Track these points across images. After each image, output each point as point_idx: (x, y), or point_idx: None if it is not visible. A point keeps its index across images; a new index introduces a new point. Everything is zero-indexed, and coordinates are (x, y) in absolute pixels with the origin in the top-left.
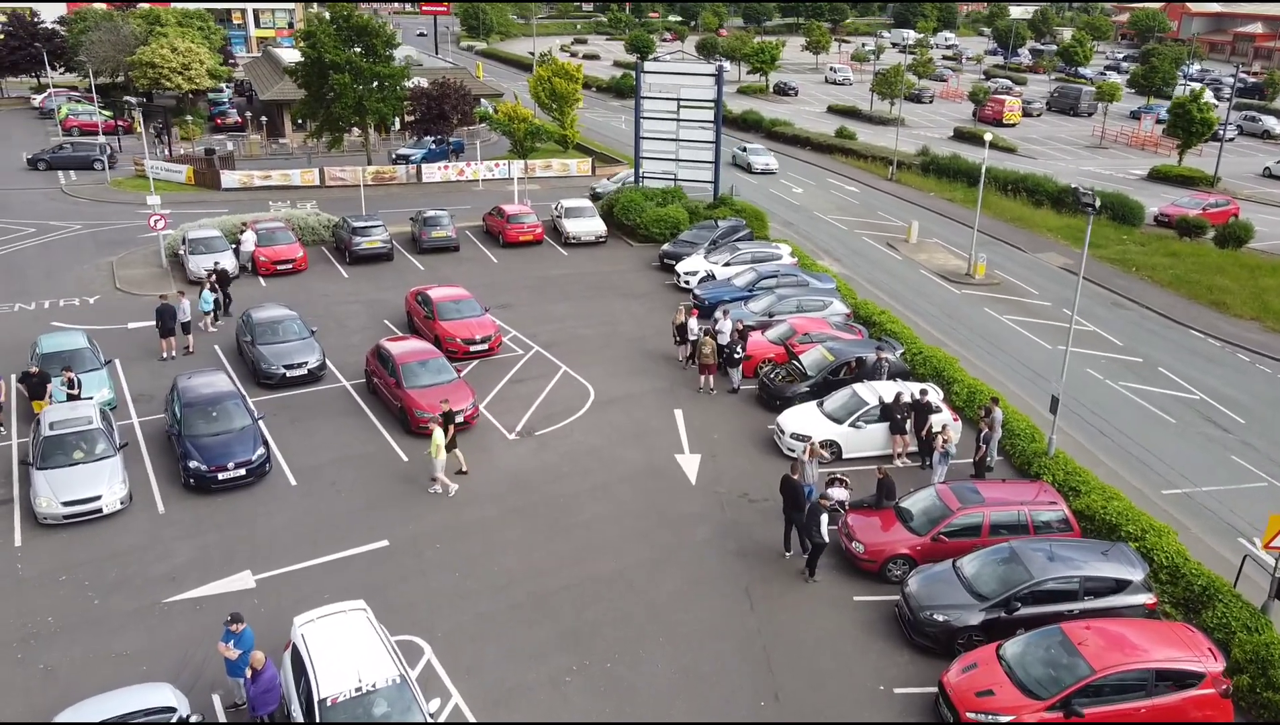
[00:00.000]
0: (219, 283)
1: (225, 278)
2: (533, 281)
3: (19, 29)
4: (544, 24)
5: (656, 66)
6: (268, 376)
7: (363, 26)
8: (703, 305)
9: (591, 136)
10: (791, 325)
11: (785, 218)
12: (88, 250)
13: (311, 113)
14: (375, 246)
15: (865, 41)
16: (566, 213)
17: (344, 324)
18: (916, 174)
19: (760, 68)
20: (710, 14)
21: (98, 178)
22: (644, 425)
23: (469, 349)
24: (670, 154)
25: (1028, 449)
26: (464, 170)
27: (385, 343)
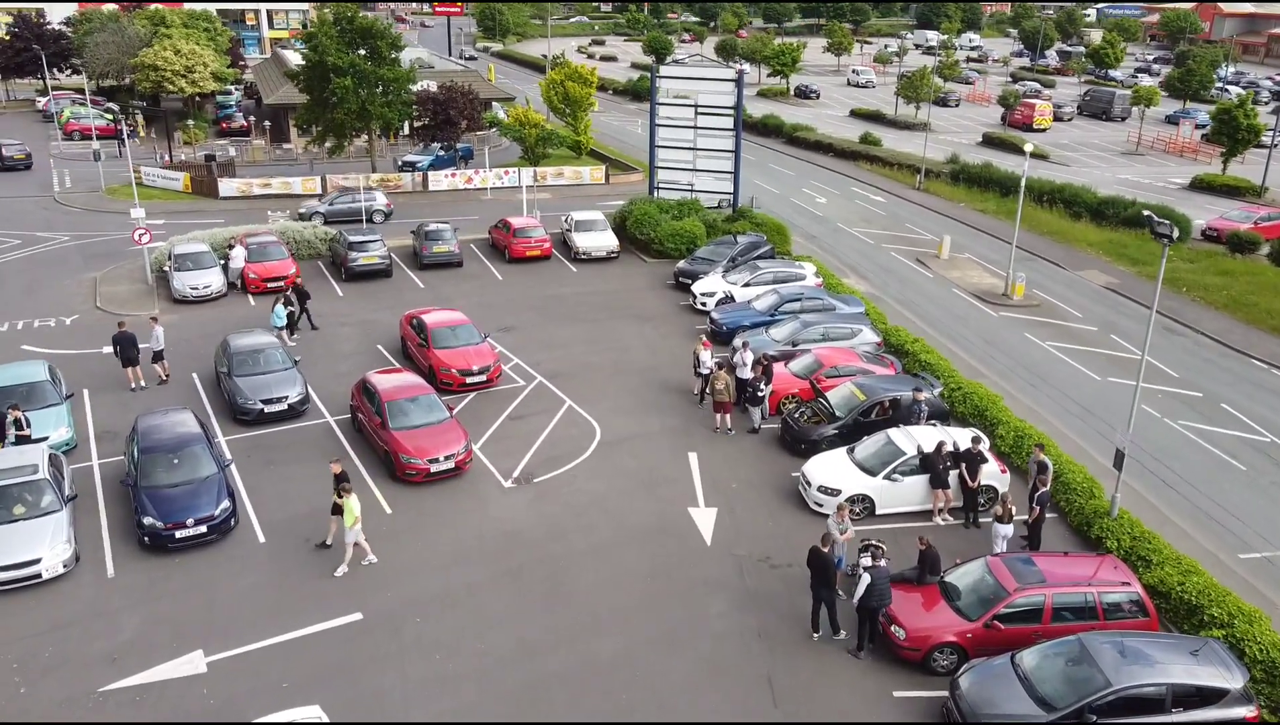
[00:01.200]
0: (297, 297)
1: (303, 292)
2: (539, 301)
3: (24, 30)
4: (561, 25)
5: (673, 71)
6: (243, 412)
7: (367, 28)
8: (720, 331)
9: (606, 141)
10: (817, 357)
11: (808, 230)
12: (73, 264)
13: (314, 118)
14: (373, 262)
15: (888, 43)
16: (576, 226)
17: (334, 349)
18: (946, 183)
19: (781, 70)
20: (730, 15)
21: (92, 185)
22: (655, 471)
23: (465, 381)
24: (687, 163)
25: (1086, 507)
26: (472, 178)
27: (372, 377)
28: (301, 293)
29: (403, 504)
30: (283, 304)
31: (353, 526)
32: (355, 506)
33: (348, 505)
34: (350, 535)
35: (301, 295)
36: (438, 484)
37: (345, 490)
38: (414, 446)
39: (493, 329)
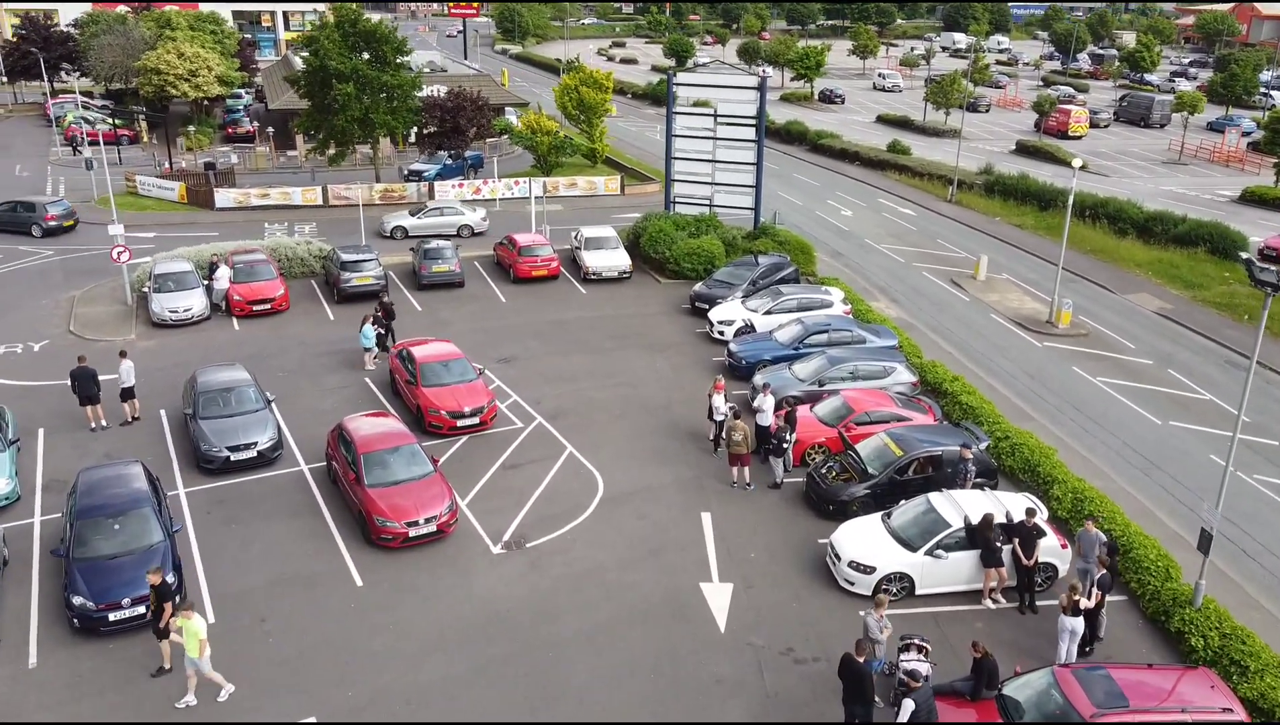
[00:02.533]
0: (385, 316)
1: (390, 312)
2: (543, 327)
3: (31, 32)
4: (581, 27)
5: (691, 78)
6: (207, 460)
7: (370, 32)
8: (739, 365)
9: (623, 149)
10: (846, 400)
11: (833, 246)
12: (53, 282)
13: (315, 125)
14: (367, 283)
15: (914, 45)
16: (586, 244)
17: (318, 382)
18: (979, 195)
19: (805, 74)
20: (752, 17)
21: (84, 195)
22: (663, 534)
23: (455, 424)
24: (705, 176)
25: (1162, 591)
26: (480, 188)
27: (349, 422)
28: (389, 311)
29: (375, 574)
30: (371, 323)
31: (200, 656)
32: (200, 628)
33: (188, 629)
34: (198, 665)
35: (389, 314)
36: (417, 550)
37: (184, 612)
38: (390, 507)
39: (491, 360)
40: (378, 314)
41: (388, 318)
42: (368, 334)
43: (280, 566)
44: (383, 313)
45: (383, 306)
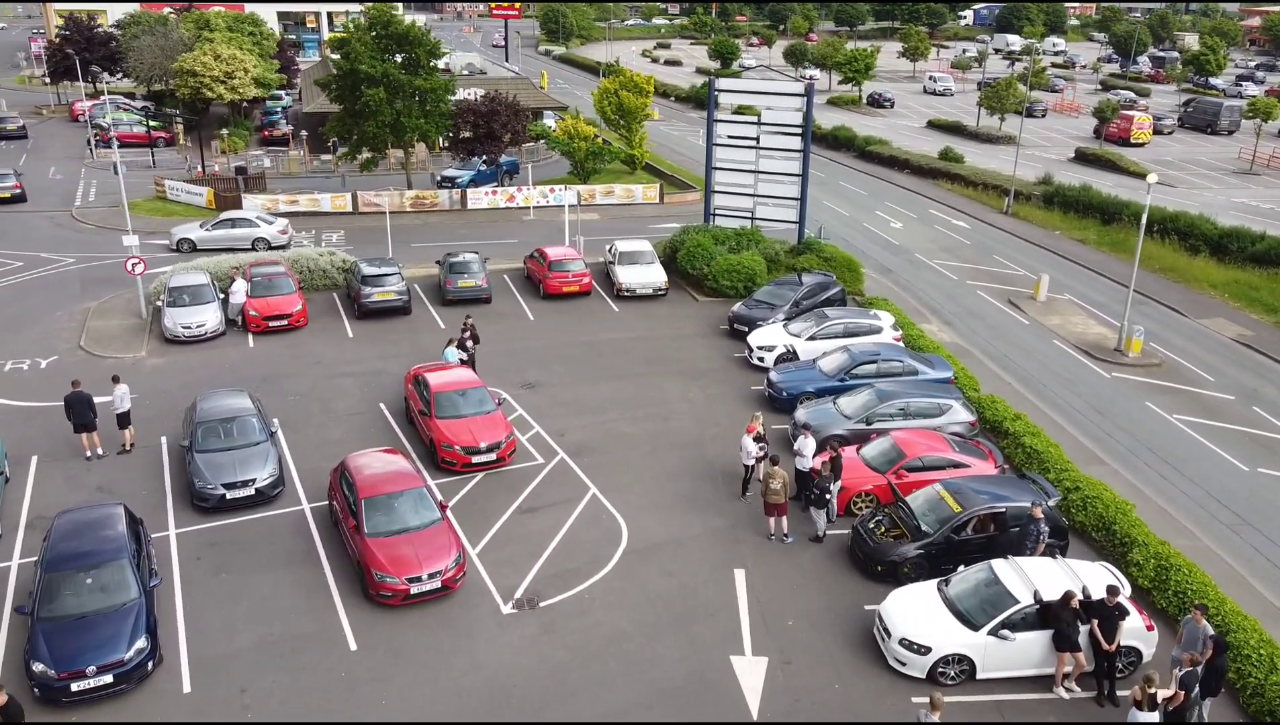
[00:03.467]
0: (472, 340)
1: (475, 335)
2: (572, 349)
3: (75, 32)
4: (626, 28)
5: (734, 83)
6: (201, 498)
7: (403, 34)
8: (779, 397)
9: (664, 154)
10: (896, 442)
11: (881, 261)
12: (70, 292)
13: (345, 130)
14: (389, 298)
15: (966, 47)
16: (620, 258)
17: (329, 408)
18: (1038, 207)
19: (853, 77)
20: (799, 18)
21: (112, 199)
22: (691, 596)
23: (470, 460)
24: (747, 188)
25: (1265, 685)
26: (514, 196)
27: (352, 460)
28: (474, 335)
29: (372, 637)
30: (455, 347)
31: None
32: None
33: None
34: None
35: (474, 337)
36: (419, 608)
37: None
38: (391, 559)
39: (513, 386)
40: (463, 336)
41: (474, 342)
42: (450, 357)
43: (269, 625)
44: (469, 336)
45: (470, 330)
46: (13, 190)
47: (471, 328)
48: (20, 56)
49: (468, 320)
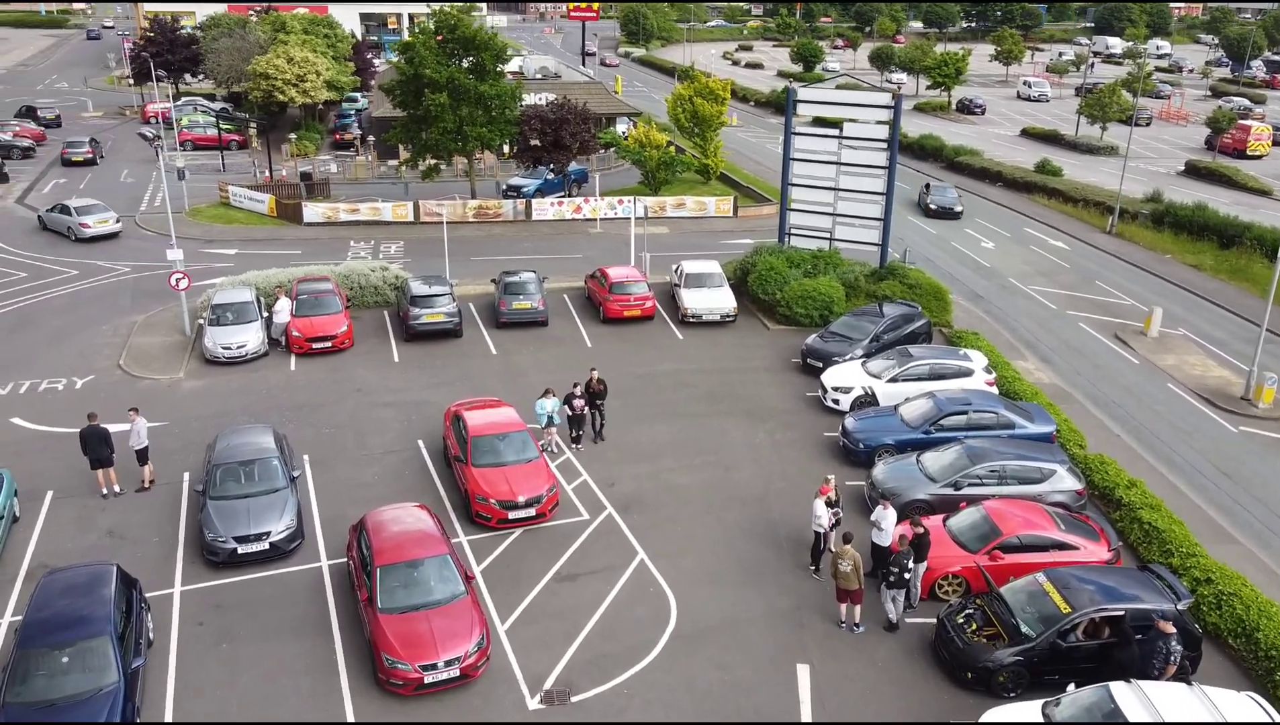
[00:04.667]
0: (588, 394)
1: (595, 391)
2: (629, 381)
3: (159, 34)
4: (708, 30)
5: (814, 93)
6: (211, 551)
7: (469, 38)
8: (855, 450)
9: (740, 163)
10: (989, 514)
11: (971, 286)
12: (120, 304)
13: (408, 136)
14: (438, 321)
15: (1062, 50)
16: (686, 280)
17: (364, 443)
18: (1145, 226)
19: (943, 81)
20: (887, 19)
21: (174, 205)
22: (745, 696)
23: (507, 516)
24: (826, 206)
25: None
26: (580, 207)
27: (372, 520)
28: (594, 392)
29: None
30: (550, 397)
31: None
32: None
33: None
34: None
35: (593, 393)
36: (434, 698)
37: None
38: (403, 640)
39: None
40: (574, 391)
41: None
42: (543, 409)
43: (265, 711)
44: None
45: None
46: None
47: (593, 384)
48: (111, 57)
49: (594, 372)
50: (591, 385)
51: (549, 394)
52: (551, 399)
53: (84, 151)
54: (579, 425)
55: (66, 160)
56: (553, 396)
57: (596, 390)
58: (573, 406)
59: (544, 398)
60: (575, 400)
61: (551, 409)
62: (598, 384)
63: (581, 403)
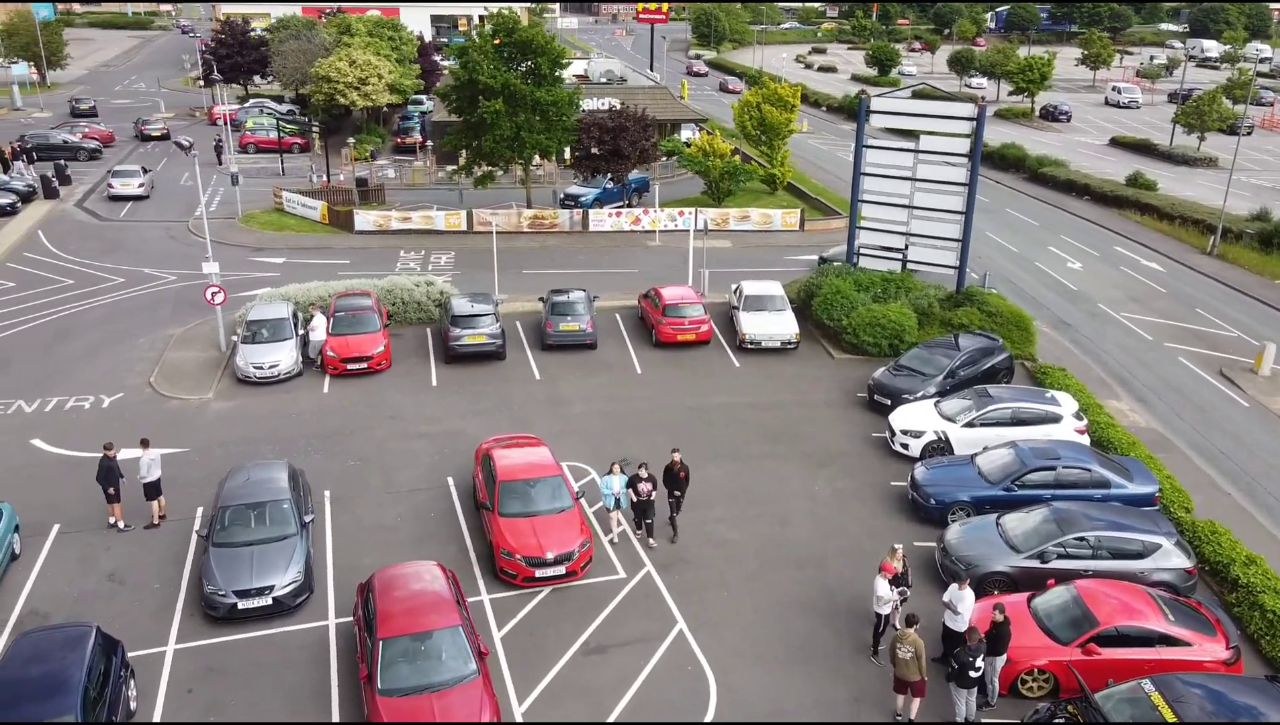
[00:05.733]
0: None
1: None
2: (679, 414)
3: (230, 36)
4: (781, 32)
5: (888, 102)
6: (210, 605)
7: (526, 42)
8: (926, 506)
9: (809, 171)
10: (1081, 596)
11: (1056, 312)
12: (160, 315)
13: (462, 143)
14: (480, 342)
15: (1153, 54)
16: (745, 303)
17: (391, 479)
18: (1251, 248)
19: (1026, 87)
20: (967, 21)
21: (228, 211)
22: None
23: (534, 574)
24: (899, 225)
25: None
26: (639, 219)
27: (381, 580)
28: (675, 476)
29: None
30: (618, 473)
31: None
32: None
33: None
34: None
35: (673, 478)
36: None
37: None
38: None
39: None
40: (640, 472)
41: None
42: (609, 488)
43: None
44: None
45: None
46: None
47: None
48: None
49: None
50: (673, 469)
51: (617, 469)
52: (619, 477)
53: (135, 183)
54: (646, 514)
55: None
56: (621, 473)
57: (678, 476)
58: (638, 490)
59: (610, 474)
60: (641, 483)
61: (619, 488)
62: (679, 468)
63: (649, 488)
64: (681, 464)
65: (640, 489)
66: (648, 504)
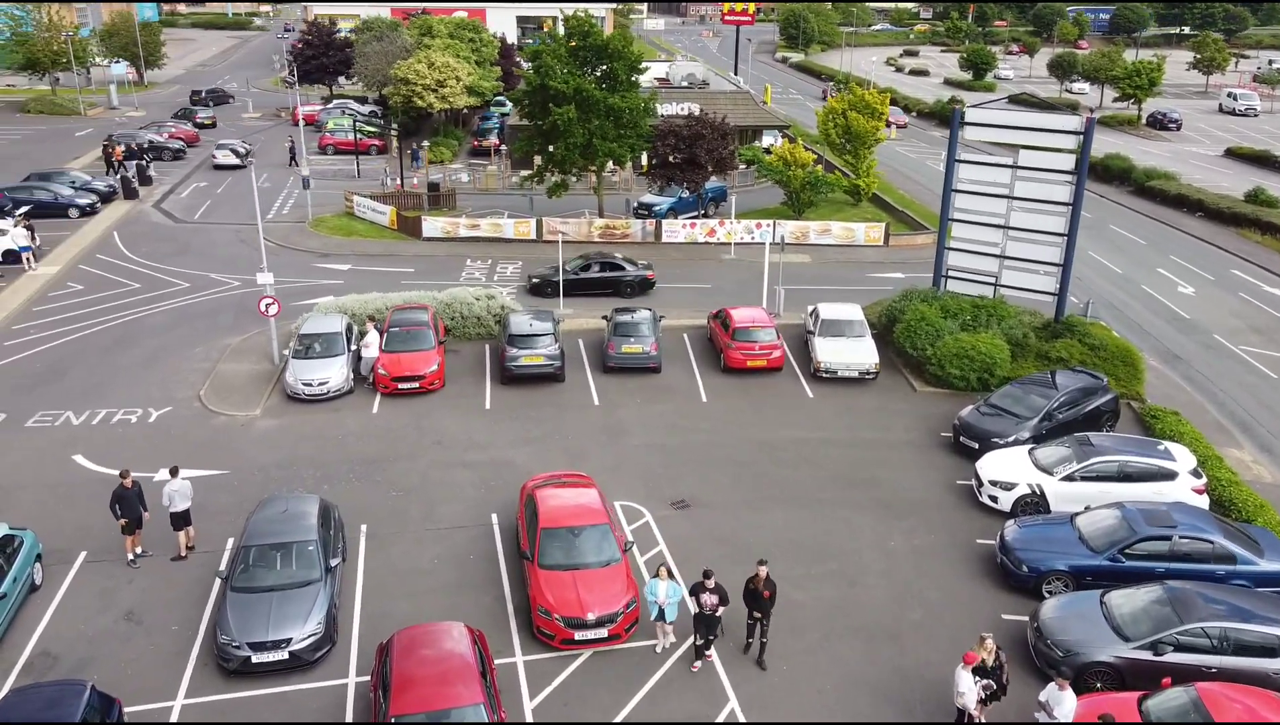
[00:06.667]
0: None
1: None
2: (745, 450)
3: (316, 37)
4: (872, 34)
5: (984, 114)
6: (222, 657)
7: (602, 46)
8: (1018, 574)
9: (896, 181)
10: (1203, 701)
11: (1166, 343)
12: (220, 323)
13: (534, 149)
14: (537, 363)
15: (1272, 57)
16: (822, 327)
17: (432, 513)
18: None
19: (1133, 93)
20: (1070, 23)
21: (299, 214)
22: None
23: (574, 636)
24: (993, 246)
25: None
26: (715, 230)
27: (399, 644)
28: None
29: None
30: (665, 578)
31: None
32: None
33: None
34: None
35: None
36: None
37: None
38: None
39: (661, 500)
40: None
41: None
42: (654, 594)
43: None
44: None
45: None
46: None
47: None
48: (276, 59)
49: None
50: (754, 586)
51: (665, 574)
52: (666, 582)
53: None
54: (709, 629)
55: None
56: (669, 579)
57: (761, 595)
58: (701, 602)
59: (657, 578)
60: (706, 594)
61: (667, 597)
62: (763, 586)
63: (714, 600)
64: (767, 581)
65: (704, 601)
66: (712, 620)
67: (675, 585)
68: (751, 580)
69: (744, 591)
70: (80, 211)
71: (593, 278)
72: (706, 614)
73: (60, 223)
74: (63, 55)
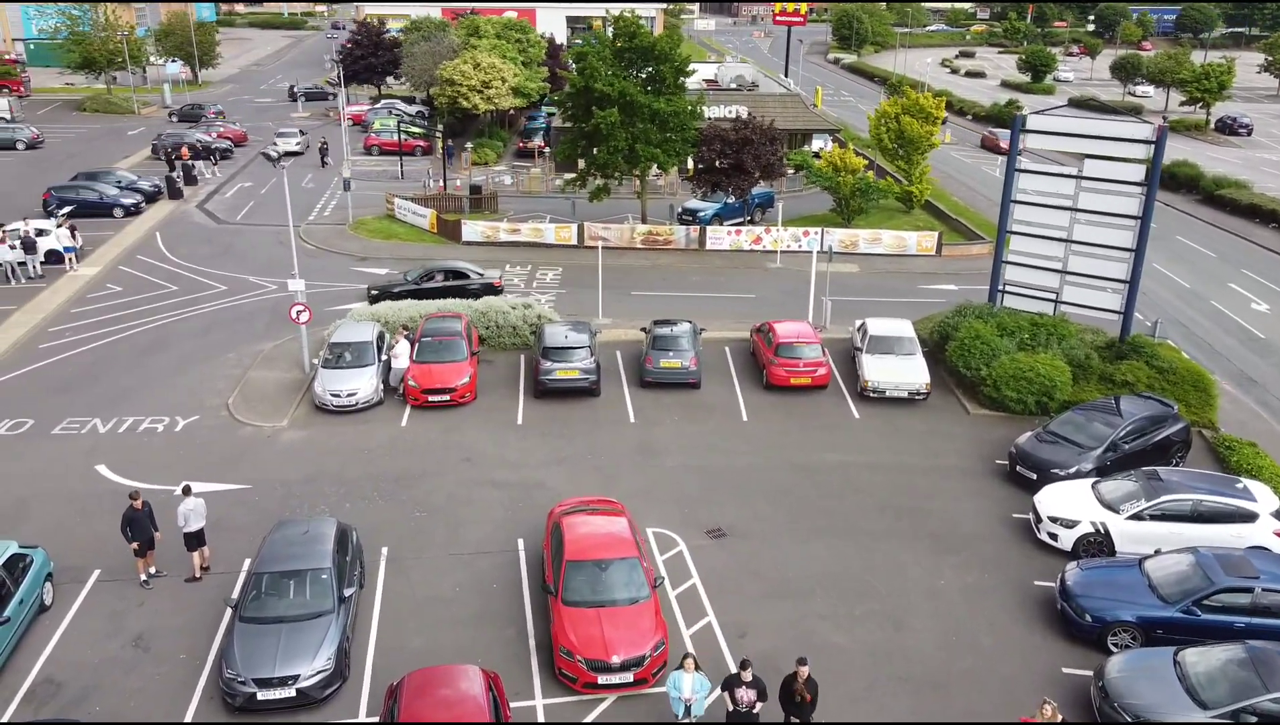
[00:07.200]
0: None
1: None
2: (785, 474)
3: (365, 37)
4: (927, 35)
5: (1047, 121)
6: (228, 692)
7: (648, 48)
8: (1079, 620)
9: (950, 187)
10: None
11: (1238, 363)
12: (253, 328)
13: (575, 153)
14: (572, 377)
15: None
16: (870, 344)
17: (457, 536)
18: None
19: (1200, 97)
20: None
21: (340, 216)
22: None
23: (597, 680)
24: (1054, 261)
25: None
26: (760, 238)
27: (410, 689)
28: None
29: None
30: (691, 670)
31: None
32: None
33: None
34: None
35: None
36: None
37: None
38: None
39: (696, 528)
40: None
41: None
42: (677, 689)
43: None
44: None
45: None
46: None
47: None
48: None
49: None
50: (793, 687)
51: (691, 665)
52: (693, 675)
53: (293, 142)
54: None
55: None
56: (695, 671)
57: (802, 696)
58: (735, 697)
59: (681, 670)
60: (741, 689)
61: (693, 692)
62: (803, 687)
63: (751, 696)
64: (808, 682)
65: (738, 696)
66: (750, 718)
67: (702, 678)
68: (790, 680)
69: (780, 693)
70: (125, 211)
71: (434, 288)
72: (743, 711)
73: (104, 223)
74: (118, 54)
